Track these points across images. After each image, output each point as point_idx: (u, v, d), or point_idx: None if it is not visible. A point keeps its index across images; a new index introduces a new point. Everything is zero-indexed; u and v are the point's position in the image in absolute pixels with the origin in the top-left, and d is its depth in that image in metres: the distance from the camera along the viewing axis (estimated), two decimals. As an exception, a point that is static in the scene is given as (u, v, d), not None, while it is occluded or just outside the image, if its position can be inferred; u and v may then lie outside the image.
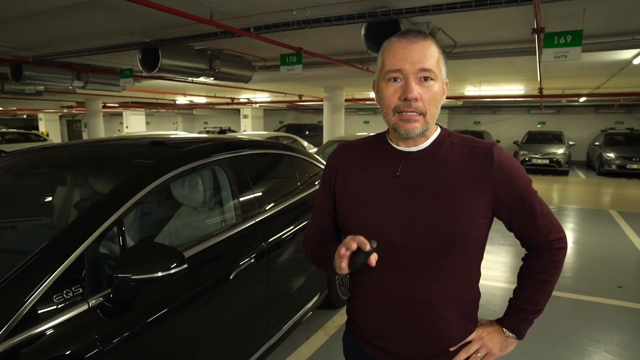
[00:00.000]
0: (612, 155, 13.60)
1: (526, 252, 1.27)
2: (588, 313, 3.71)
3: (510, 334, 1.24)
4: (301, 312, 2.99)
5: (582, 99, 15.73)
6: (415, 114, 1.10)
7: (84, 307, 1.55)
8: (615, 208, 8.30)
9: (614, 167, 13.43)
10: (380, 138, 1.26)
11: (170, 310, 1.85)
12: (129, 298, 1.71)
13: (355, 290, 1.28)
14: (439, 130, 1.22)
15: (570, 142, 15.44)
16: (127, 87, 8.60)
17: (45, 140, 17.99)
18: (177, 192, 2.37)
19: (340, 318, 3.56)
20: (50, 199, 2.46)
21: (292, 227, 2.87)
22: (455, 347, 1.21)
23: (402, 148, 1.19)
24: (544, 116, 20.94)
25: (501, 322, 1.26)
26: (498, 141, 15.07)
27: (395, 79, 1.11)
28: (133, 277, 1.59)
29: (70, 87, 9.22)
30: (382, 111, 1.16)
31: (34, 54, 7.80)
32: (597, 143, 15.15)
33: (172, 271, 1.64)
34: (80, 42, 7.00)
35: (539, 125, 20.87)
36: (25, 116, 28.35)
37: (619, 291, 4.14)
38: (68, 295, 1.53)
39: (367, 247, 1.00)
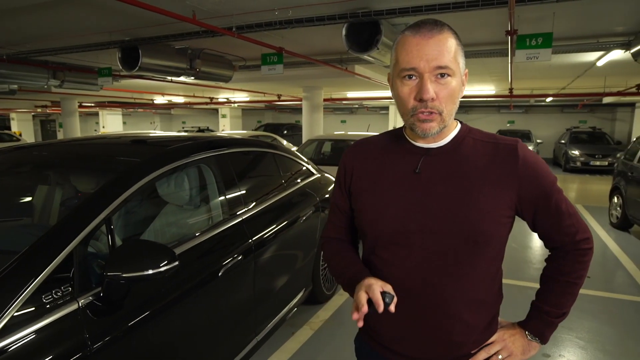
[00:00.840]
0: (576, 152, 14.07)
1: (550, 253, 1.21)
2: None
3: (534, 338, 1.18)
4: (287, 307, 2.99)
5: (549, 99, 16.21)
6: (431, 113, 1.03)
7: (74, 307, 1.51)
8: (580, 202, 8.59)
9: (578, 163, 13.90)
10: (397, 134, 1.19)
11: (160, 308, 1.82)
12: (119, 296, 1.67)
13: None
14: (459, 126, 1.15)
15: (538, 140, 15.89)
16: (106, 86, 8.39)
17: (19, 140, 17.38)
18: (164, 190, 2.32)
19: (324, 313, 3.57)
20: (33, 198, 2.38)
21: (278, 224, 2.86)
22: (476, 350, 1.14)
23: (422, 144, 1.13)
24: (514, 115, 21.48)
25: (524, 326, 1.19)
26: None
27: (410, 77, 1.03)
28: (123, 275, 1.56)
29: (45, 86, 8.93)
30: (398, 109, 1.10)
31: (8, 52, 7.53)
32: (562, 141, 15.64)
33: (163, 269, 1.61)
34: (58, 40, 6.79)
35: (509, 124, 21.40)
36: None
37: (588, 281, 4.29)
38: (57, 295, 1.49)
39: (381, 309, 0.97)
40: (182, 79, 7.79)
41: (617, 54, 7.37)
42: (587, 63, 8.93)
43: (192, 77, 7.60)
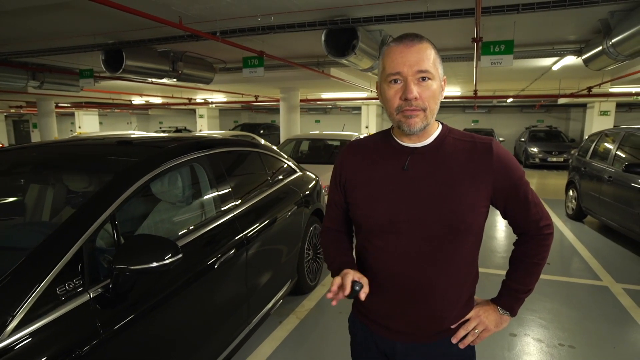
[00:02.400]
0: (535, 149, 14.53)
1: (517, 239, 1.31)
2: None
3: (505, 312, 1.28)
4: (275, 298, 3.04)
5: (510, 100, 16.72)
6: (416, 110, 1.12)
7: (86, 298, 1.55)
8: (540, 196, 8.71)
9: (537, 160, 14.37)
10: (386, 135, 1.27)
11: (164, 298, 1.87)
12: (126, 288, 1.71)
13: (363, 274, 1.27)
14: (440, 126, 1.23)
15: (500, 138, 16.33)
16: (87, 87, 8.17)
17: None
18: (161, 188, 2.35)
19: (309, 303, 3.64)
20: (37, 198, 2.37)
21: (266, 219, 2.92)
22: (456, 324, 1.24)
23: (408, 144, 1.21)
24: (477, 115, 22.03)
25: (496, 302, 1.30)
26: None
27: (395, 81, 1.12)
28: (130, 267, 1.60)
29: (24, 87, 8.63)
30: (386, 110, 1.18)
31: (-13, 53, 7.28)
32: (522, 139, 16.14)
33: (167, 261, 1.65)
34: (40, 42, 6.60)
35: (473, 124, 21.96)
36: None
37: (548, 267, 4.51)
38: (70, 287, 1.52)
39: (346, 292, 1.09)
40: (164, 80, 7.69)
41: (571, 60, 7.71)
42: (544, 67, 9.28)
43: (175, 79, 7.50)
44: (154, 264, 1.63)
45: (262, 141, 10.90)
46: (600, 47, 5.67)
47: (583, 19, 5.62)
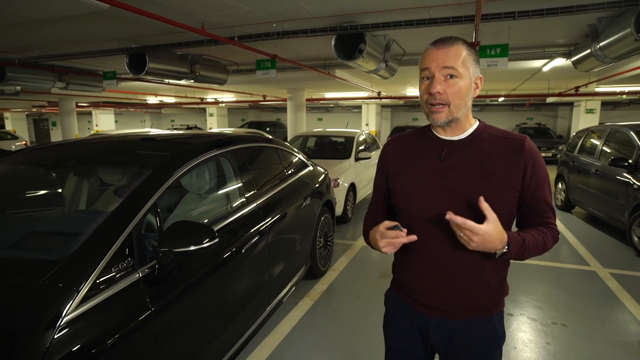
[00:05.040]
0: (525, 145, 14.55)
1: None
2: (514, 271, 4.00)
3: (505, 245, 1.13)
4: (292, 281, 3.12)
5: (501, 99, 16.71)
6: (440, 105, 1.15)
7: (136, 277, 1.63)
8: None
9: (527, 155, 14.38)
10: (427, 130, 1.30)
11: (200, 277, 1.94)
12: (170, 268, 1.78)
13: (402, 256, 1.32)
14: (477, 123, 1.25)
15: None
16: (110, 88, 8.21)
17: (17, 138, 16.68)
18: (194, 180, 2.40)
19: (320, 286, 3.70)
20: (85, 189, 2.43)
21: (285, 209, 2.98)
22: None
23: (445, 137, 1.23)
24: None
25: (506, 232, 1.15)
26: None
27: (427, 77, 1.17)
28: (173, 250, 1.68)
29: (51, 88, 8.69)
30: (421, 104, 1.23)
31: (20, 57, 7.31)
32: (513, 136, 16.15)
33: (205, 245, 1.72)
34: (68, 46, 6.65)
35: (466, 121, 21.93)
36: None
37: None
38: (122, 267, 1.60)
39: (402, 236, 1.16)
40: (182, 82, 7.72)
41: (560, 62, 7.75)
42: (535, 68, 9.31)
43: (192, 80, 7.53)
44: (193, 247, 1.70)
45: (270, 138, 10.95)
46: (589, 50, 5.73)
47: (572, 24, 5.67)
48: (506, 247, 1.13)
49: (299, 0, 4.38)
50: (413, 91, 15.24)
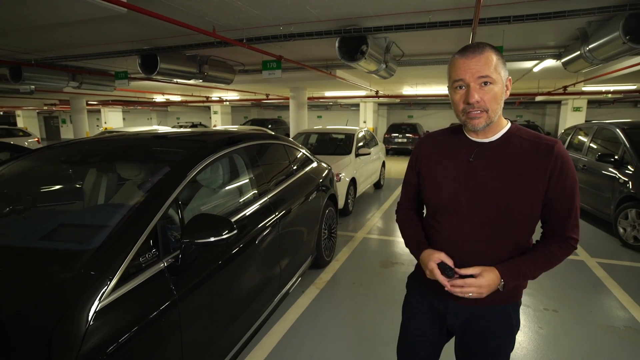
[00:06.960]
0: (515, 142, 14.54)
1: (542, 237, 1.25)
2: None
3: (501, 281, 1.16)
4: (300, 270, 3.15)
5: (493, 98, 16.68)
6: (478, 112, 1.13)
7: (162, 266, 1.66)
8: None
9: (517, 151, 14.39)
10: (458, 130, 1.28)
11: (219, 267, 1.97)
12: (192, 258, 1.81)
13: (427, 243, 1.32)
14: (509, 125, 1.22)
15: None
16: (122, 87, 8.19)
17: (29, 135, 16.59)
18: (210, 175, 2.42)
19: (325, 275, 3.73)
20: (108, 184, 2.44)
21: (294, 202, 3.00)
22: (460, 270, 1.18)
23: (476, 139, 1.22)
24: (463, 111, 21.96)
25: (499, 268, 1.17)
26: (428, 131, 15.86)
27: (460, 87, 1.14)
28: (195, 241, 1.71)
29: (65, 87, 8.66)
30: (454, 111, 1.21)
31: (36, 57, 7.29)
32: (503, 133, 16.13)
33: (225, 236, 1.75)
34: (83, 48, 6.63)
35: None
36: (1, 113, 25.76)
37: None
38: (149, 257, 1.63)
39: (441, 277, 1.16)
40: (191, 81, 7.71)
41: (550, 62, 7.78)
42: (526, 69, 9.33)
43: (201, 80, 7.51)
44: (213, 239, 1.73)
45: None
46: (578, 52, 5.75)
47: (563, 27, 5.68)
48: (502, 282, 1.17)
49: (305, 4, 4.39)
50: (409, 90, 15.21)
